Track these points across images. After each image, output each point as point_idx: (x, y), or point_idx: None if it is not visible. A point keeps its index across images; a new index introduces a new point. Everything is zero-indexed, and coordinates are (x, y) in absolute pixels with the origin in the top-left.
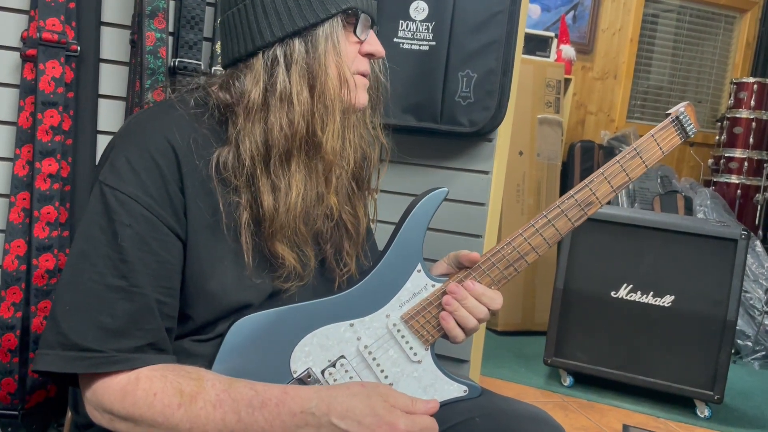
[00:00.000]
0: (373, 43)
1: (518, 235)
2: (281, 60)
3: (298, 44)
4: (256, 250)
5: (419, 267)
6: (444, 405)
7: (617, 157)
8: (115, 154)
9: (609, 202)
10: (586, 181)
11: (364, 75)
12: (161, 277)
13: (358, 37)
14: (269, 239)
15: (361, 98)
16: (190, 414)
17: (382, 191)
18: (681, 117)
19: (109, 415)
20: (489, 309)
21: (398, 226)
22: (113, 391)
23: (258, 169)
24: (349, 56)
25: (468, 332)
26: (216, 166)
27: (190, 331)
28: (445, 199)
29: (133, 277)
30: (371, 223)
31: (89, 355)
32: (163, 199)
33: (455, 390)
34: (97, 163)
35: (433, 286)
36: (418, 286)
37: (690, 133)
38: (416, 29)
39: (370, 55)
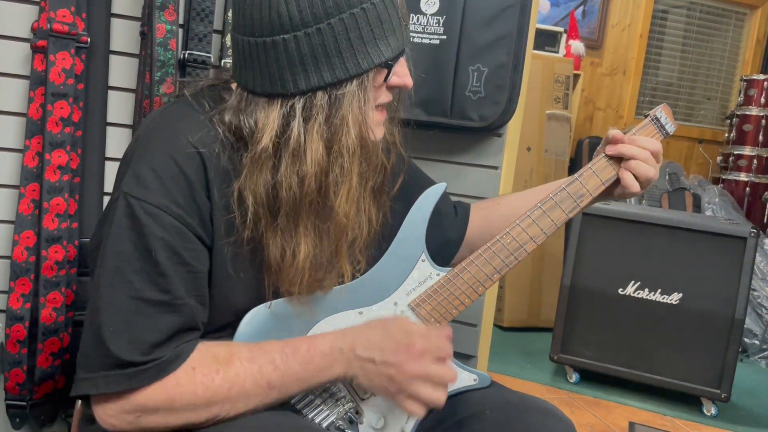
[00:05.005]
0: (401, 75)
1: (515, 225)
2: (299, 111)
3: (320, 96)
4: (272, 285)
5: (423, 257)
6: (455, 395)
7: (603, 153)
8: (137, 163)
9: None
10: (576, 174)
11: (385, 107)
12: (194, 287)
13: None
14: (279, 284)
15: (378, 134)
16: (229, 375)
17: None
18: (659, 116)
19: (136, 414)
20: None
21: (401, 219)
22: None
23: (264, 221)
24: (374, 102)
25: (644, 185)
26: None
27: (204, 333)
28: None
29: (174, 289)
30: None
31: (147, 367)
32: (190, 208)
33: (465, 379)
34: (106, 154)
35: (438, 275)
36: (424, 275)
37: (669, 130)
38: (427, 23)
39: (395, 87)
